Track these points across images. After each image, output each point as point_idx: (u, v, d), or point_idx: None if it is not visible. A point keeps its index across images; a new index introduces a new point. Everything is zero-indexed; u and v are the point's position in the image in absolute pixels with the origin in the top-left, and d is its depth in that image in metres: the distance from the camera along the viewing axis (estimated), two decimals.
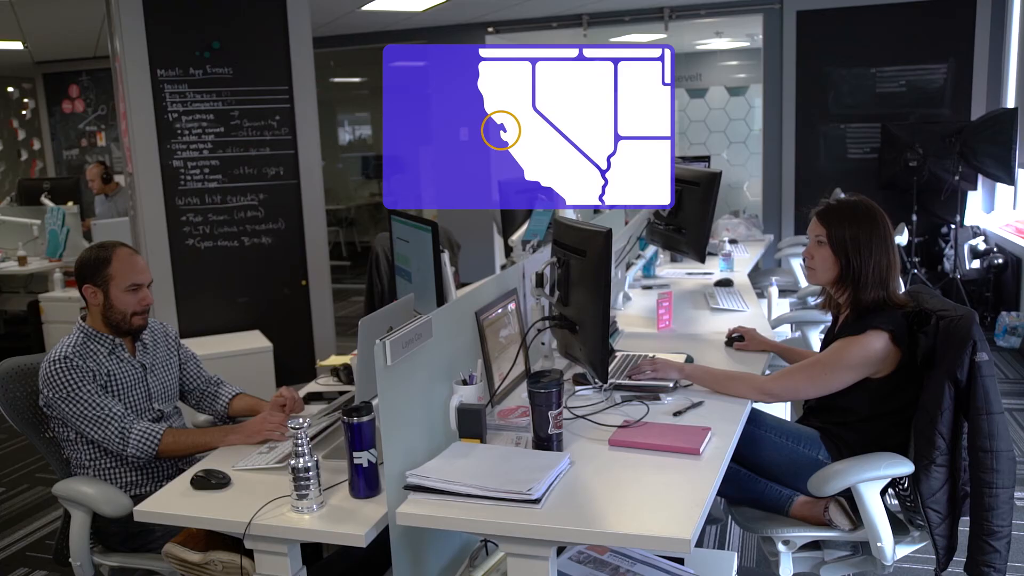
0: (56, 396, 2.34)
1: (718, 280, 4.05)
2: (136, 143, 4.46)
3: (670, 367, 2.49)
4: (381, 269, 4.01)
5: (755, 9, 7.43)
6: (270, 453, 2.24)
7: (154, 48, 4.43)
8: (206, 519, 1.97)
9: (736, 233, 5.48)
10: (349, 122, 11.81)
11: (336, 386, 2.86)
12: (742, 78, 10.01)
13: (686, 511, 1.73)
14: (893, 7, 7.02)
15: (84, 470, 2.45)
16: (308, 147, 4.84)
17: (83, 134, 9.79)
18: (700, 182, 3.17)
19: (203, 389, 2.70)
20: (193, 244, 4.64)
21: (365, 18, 7.57)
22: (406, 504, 1.82)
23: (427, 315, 2.02)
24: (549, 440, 2.02)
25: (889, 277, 2.31)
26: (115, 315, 2.45)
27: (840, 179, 6.72)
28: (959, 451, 2.15)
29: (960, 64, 6.97)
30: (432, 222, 2.54)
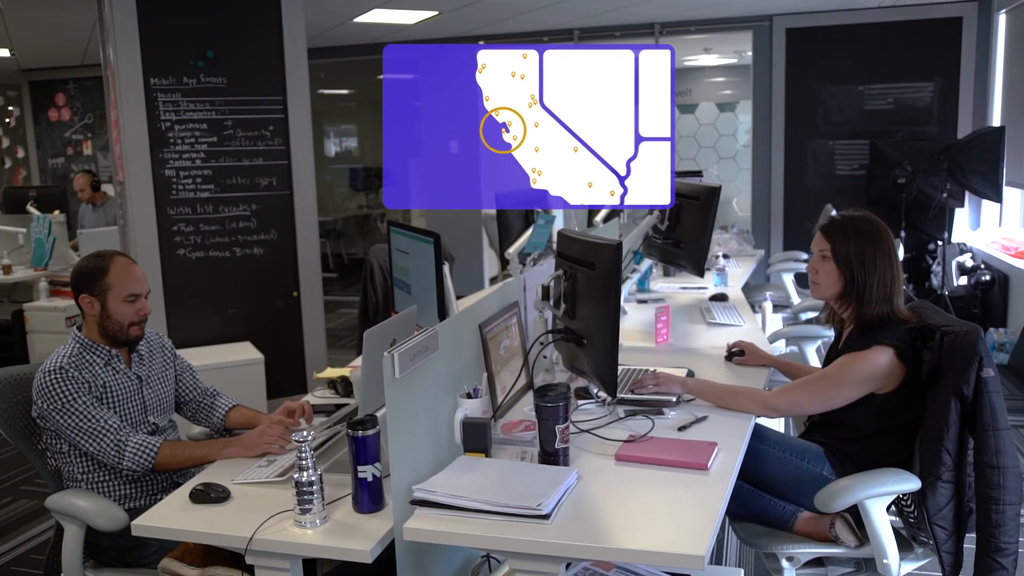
0: (50, 407, 2.29)
1: (713, 295, 4.05)
2: (128, 152, 4.42)
3: (673, 381, 2.48)
4: (376, 281, 3.99)
5: (745, 26, 7.49)
6: (269, 467, 2.20)
7: (148, 56, 4.39)
8: (206, 534, 1.93)
9: (728, 248, 5.49)
10: (336, 134, 11.79)
11: (333, 399, 2.82)
12: (729, 94, 10.10)
13: (697, 527, 1.72)
14: (881, 26, 7.10)
15: (76, 483, 2.40)
16: (301, 157, 4.81)
17: (69, 142, 9.70)
18: (699, 196, 3.17)
19: (199, 401, 2.66)
20: (184, 254, 4.59)
21: (356, 30, 7.57)
22: (413, 519, 1.79)
23: (433, 327, 2.00)
24: (556, 455, 2.00)
25: (893, 292, 2.31)
26: (112, 325, 2.41)
27: (828, 195, 6.77)
28: (964, 467, 2.15)
29: (947, 83, 7.06)
30: (435, 234, 2.52)
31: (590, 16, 7.38)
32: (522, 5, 6.68)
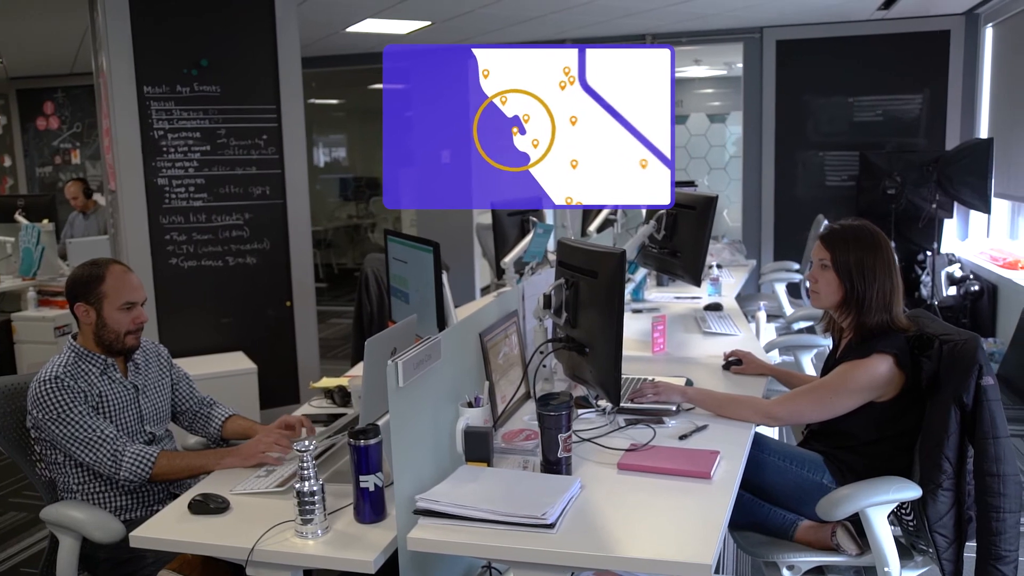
0: (46, 417, 2.27)
1: (707, 304, 4.06)
2: (120, 160, 4.39)
3: (672, 390, 2.48)
4: (371, 291, 3.97)
5: (736, 38, 7.54)
6: (268, 477, 2.18)
7: (141, 64, 4.37)
8: (206, 545, 1.91)
9: (720, 258, 5.51)
10: (325, 144, 11.78)
11: (330, 408, 2.80)
12: (719, 105, 10.16)
13: (702, 536, 1.72)
14: (870, 38, 7.17)
15: (72, 494, 2.37)
16: (295, 166, 4.79)
17: (57, 151, 9.65)
18: (696, 205, 3.18)
19: (196, 410, 2.64)
20: (177, 263, 4.56)
21: (348, 40, 7.57)
22: (417, 529, 1.78)
23: (436, 336, 1.99)
24: (558, 464, 2.00)
25: (893, 301, 2.32)
26: (108, 334, 2.38)
27: (819, 206, 6.81)
28: (964, 475, 2.16)
29: (935, 95, 7.13)
30: (434, 243, 2.51)
31: (582, 27, 7.41)
32: (514, 16, 6.70)
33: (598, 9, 6.45)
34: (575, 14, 6.64)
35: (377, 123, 10.82)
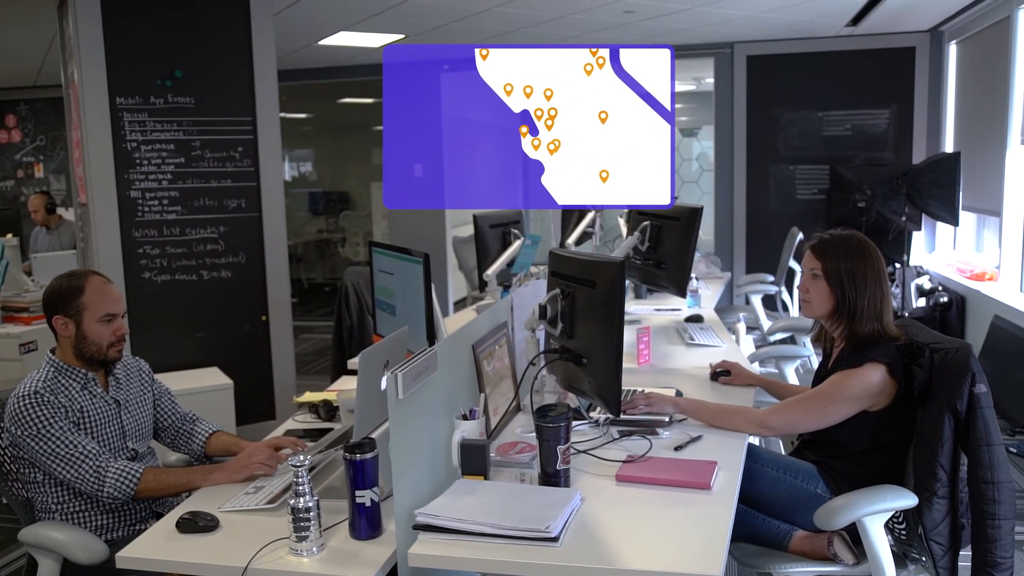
0: (25, 434, 2.19)
1: (688, 316, 4.06)
2: (92, 173, 4.30)
3: (664, 401, 2.46)
4: (351, 304, 3.92)
5: (707, 53, 7.62)
6: (258, 493, 2.12)
7: (114, 75, 4.29)
8: (196, 564, 1.84)
9: (696, 270, 5.53)
10: (293, 158, 11.68)
11: (315, 423, 2.75)
12: (688, 120, 10.26)
13: (708, 547, 1.70)
14: (838, 54, 7.30)
15: (50, 514, 2.30)
16: (271, 179, 4.73)
17: (19, 165, 9.45)
18: (680, 216, 3.19)
19: (178, 426, 2.57)
20: (150, 277, 4.47)
21: (320, 53, 7.52)
22: (417, 544, 1.74)
23: (432, 347, 1.96)
24: (557, 476, 1.97)
25: (883, 309, 2.34)
26: (89, 347, 2.32)
27: (790, 219, 6.89)
28: (958, 483, 2.17)
29: (901, 109, 7.27)
30: (424, 254, 2.48)
31: (556, 41, 7.44)
32: (488, 29, 6.70)
33: (571, 24, 6.49)
34: (549, 28, 6.67)
35: (347, 137, 10.82)
